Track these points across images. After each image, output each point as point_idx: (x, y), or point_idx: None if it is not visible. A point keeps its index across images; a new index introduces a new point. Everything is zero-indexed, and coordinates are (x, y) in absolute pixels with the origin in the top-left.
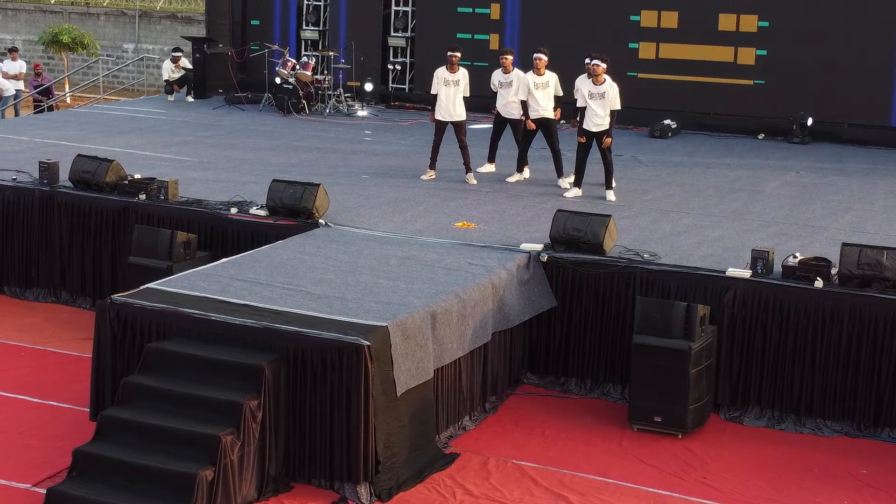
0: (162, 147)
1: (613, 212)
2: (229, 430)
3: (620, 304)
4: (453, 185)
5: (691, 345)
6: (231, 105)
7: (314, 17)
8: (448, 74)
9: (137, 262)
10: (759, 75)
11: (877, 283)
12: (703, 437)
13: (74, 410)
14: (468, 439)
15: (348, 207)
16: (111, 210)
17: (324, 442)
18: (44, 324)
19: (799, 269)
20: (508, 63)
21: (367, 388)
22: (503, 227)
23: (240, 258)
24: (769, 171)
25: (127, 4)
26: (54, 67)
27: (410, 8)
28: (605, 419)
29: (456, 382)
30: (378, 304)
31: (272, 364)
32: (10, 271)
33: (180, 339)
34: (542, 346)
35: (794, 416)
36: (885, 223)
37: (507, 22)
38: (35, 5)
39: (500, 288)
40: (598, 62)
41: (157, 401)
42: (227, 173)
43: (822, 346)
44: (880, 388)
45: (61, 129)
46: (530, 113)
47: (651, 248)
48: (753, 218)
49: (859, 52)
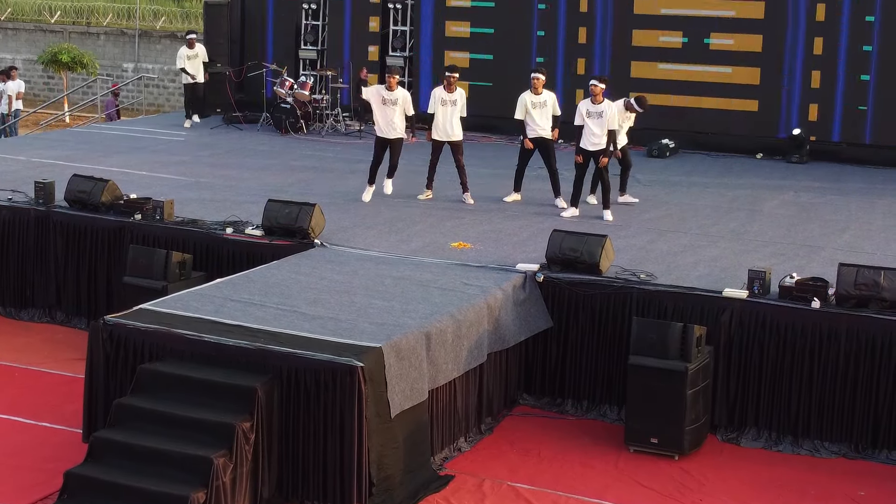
0: (159, 167)
1: (610, 231)
2: (222, 452)
3: (617, 324)
4: (450, 205)
5: (688, 366)
6: (229, 124)
7: (312, 37)
8: (445, 94)
9: (132, 283)
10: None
11: (874, 304)
12: (700, 458)
13: (67, 432)
14: (463, 461)
15: (344, 227)
16: (107, 230)
17: (317, 464)
18: (39, 344)
19: (796, 289)
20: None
21: (361, 409)
22: (499, 247)
23: (234, 278)
24: (767, 191)
25: (128, 24)
26: (54, 87)
27: (409, 28)
28: (602, 440)
29: (451, 403)
30: (372, 325)
31: (265, 385)
32: (6, 291)
33: (173, 360)
34: (538, 366)
35: (792, 438)
36: (883, 243)
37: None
38: (35, 25)
39: (495, 308)
40: (595, 82)
41: (149, 422)
42: (223, 193)
43: (819, 366)
44: (878, 409)
45: (58, 148)
46: (528, 132)
47: (648, 268)
48: (751, 238)
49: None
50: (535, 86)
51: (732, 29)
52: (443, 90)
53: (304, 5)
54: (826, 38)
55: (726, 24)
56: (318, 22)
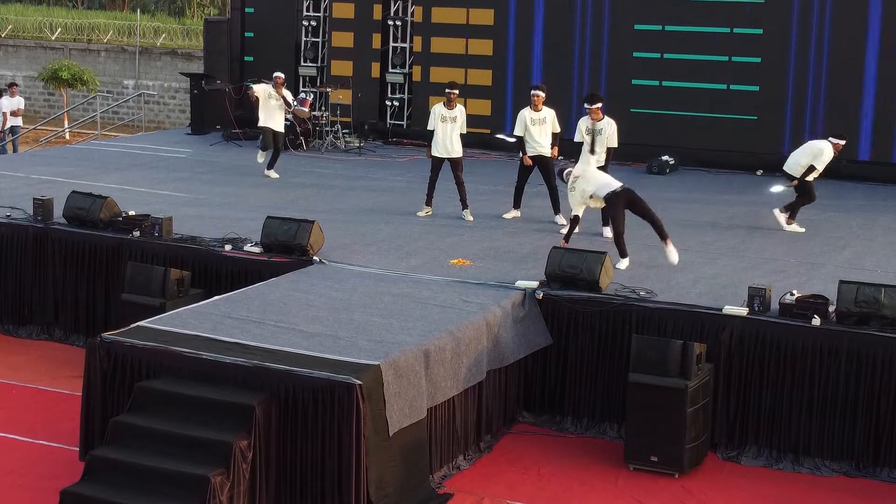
0: (158, 183)
1: (610, 248)
2: (219, 471)
3: (616, 341)
4: (450, 222)
5: (688, 383)
6: (228, 141)
7: (312, 54)
8: (446, 111)
9: (130, 300)
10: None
11: (875, 321)
12: (700, 476)
13: (64, 450)
14: (462, 479)
15: (343, 244)
16: (105, 247)
17: (315, 482)
18: (36, 361)
19: (796, 306)
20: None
21: (359, 427)
22: (498, 264)
23: (232, 296)
24: (768, 208)
25: (128, 41)
26: (54, 104)
27: (408, 45)
28: (602, 458)
29: (450, 421)
30: (371, 343)
31: (263, 403)
32: (4, 308)
33: (170, 378)
34: (538, 384)
35: (793, 456)
36: (883, 260)
37: (507, 58)
38: (36, 41)
39: (494, 325)
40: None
41: (146, 440)
42: (222, 210)
43: (819, 384)
44: (879, 427)
45: (57, 165)
46: (527, 149)
47: (647, 285)
48: (751, 255)
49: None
50: (535, 103)
51: (734, 45)
52: (443, 107)
53: (304, 22)
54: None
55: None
56: (317, 39)
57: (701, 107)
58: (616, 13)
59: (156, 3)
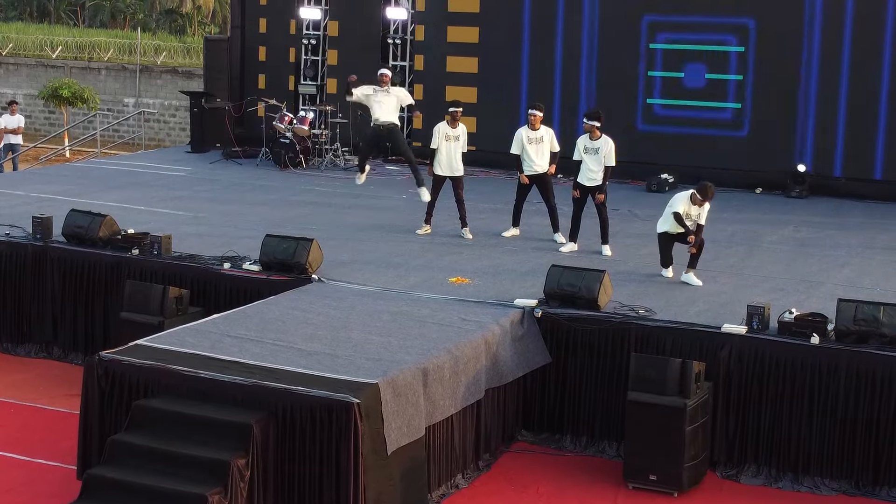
0: (157, 201)
1: (609, 266)
2: (217, 489)
3: (615, 360)
4: (449, 240)
5: (686, 402)
6: (228, 159)
7: (312, 72)
8: (449, 129)
9: (129, 318)
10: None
11: (874, 340)
12: (700, 495)
13: (62, 469)
14: (461, 498)
15: (342, 262)
16: (104, 265)
17: (313, 501)
18: (34, 380)
19: (795, 324)
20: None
21: (357, 446)
22: (497, 282)
23: (231, 314)
24: (766, 226)
25: (129, 59)
26: (55, 122)
27: (408, 63)
28: (600, 477)
29: (448, 440)
30: (369, 361)
31: (261, 422)
32: (2, 326)
33: (168, 397)
34: (537, 402)
35: (792, 474)
36: (882, 278)
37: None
38: (37, 60)
39: (493, 344)
40: (586, 120)
41: (144, 459)
42: (221, 228)
43: (818, 402)
44: (878, 445)
45: (57, 183)
46: (524, 168)
47: (646, 303)
48: (750, 273)
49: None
50: (532, 122)
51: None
52: (446, 125)
53: (304, 41)
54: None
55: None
56: (317, 57)
57: (699, 125)
58: (613, 25)
59: (157, 22)
